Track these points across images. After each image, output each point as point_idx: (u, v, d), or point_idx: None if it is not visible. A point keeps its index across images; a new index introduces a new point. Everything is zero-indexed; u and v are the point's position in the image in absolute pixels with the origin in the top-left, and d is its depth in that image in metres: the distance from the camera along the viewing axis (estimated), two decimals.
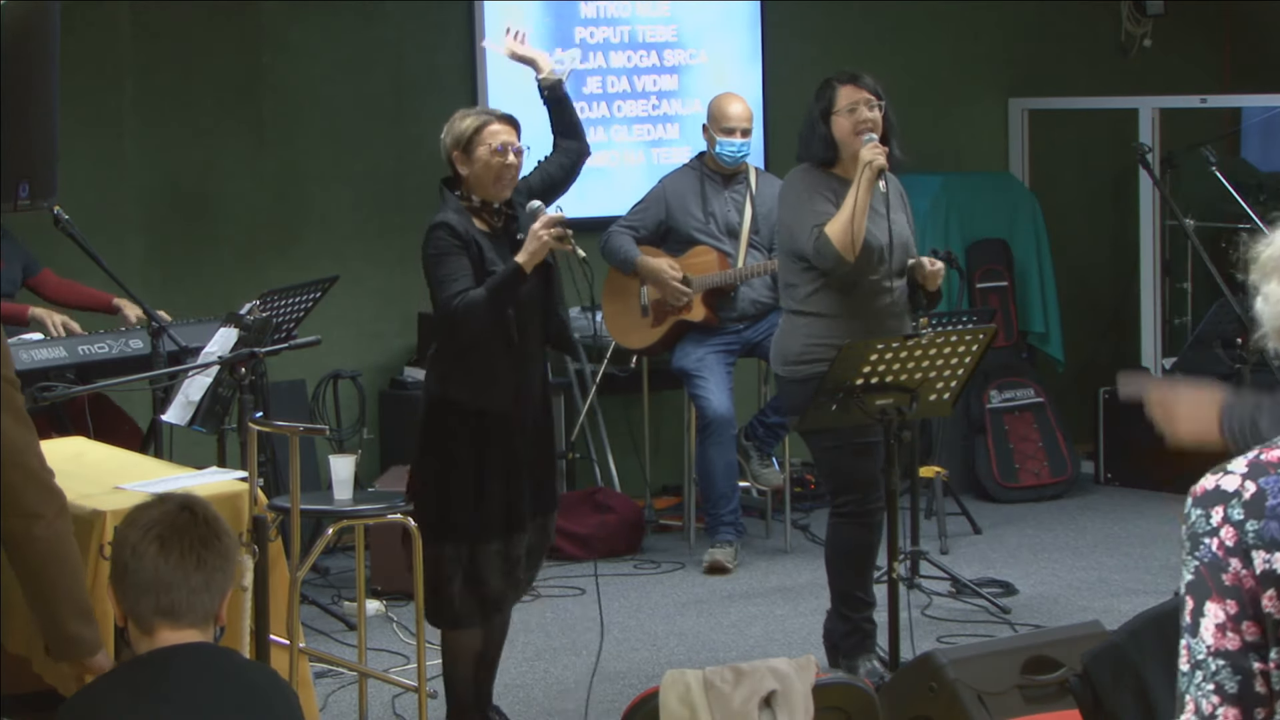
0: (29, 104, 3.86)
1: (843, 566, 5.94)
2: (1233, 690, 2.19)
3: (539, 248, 5.08)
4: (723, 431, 7.52)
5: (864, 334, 5.66)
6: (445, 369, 5.26)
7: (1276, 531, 2.19)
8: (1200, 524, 2.24)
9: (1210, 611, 2.21)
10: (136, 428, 6.63)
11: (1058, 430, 8.91)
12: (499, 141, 5.18)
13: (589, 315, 7.72)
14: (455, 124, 5.24)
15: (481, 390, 5.17)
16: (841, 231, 5.67)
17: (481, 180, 5.20)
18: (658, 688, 4.52)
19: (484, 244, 5.17)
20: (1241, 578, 2.20)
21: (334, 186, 8.17)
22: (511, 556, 5.24)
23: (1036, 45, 9.84)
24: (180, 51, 7.81)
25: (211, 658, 3.17)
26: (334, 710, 5.81)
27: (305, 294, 6.52)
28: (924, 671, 4.75)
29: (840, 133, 5.80)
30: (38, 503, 3.52)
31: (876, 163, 5.67)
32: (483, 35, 8.28)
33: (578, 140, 5.52)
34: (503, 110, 5.32)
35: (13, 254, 6.69)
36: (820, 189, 5.81)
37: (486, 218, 5.25)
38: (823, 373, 5.61)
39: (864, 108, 5.79)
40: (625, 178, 8.59)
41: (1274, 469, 2.22)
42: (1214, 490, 2.24)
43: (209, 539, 3.16)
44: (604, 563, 7.60)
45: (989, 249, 9.08)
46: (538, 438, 5.30)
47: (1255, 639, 2.19)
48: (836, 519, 5.94)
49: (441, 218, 5.18)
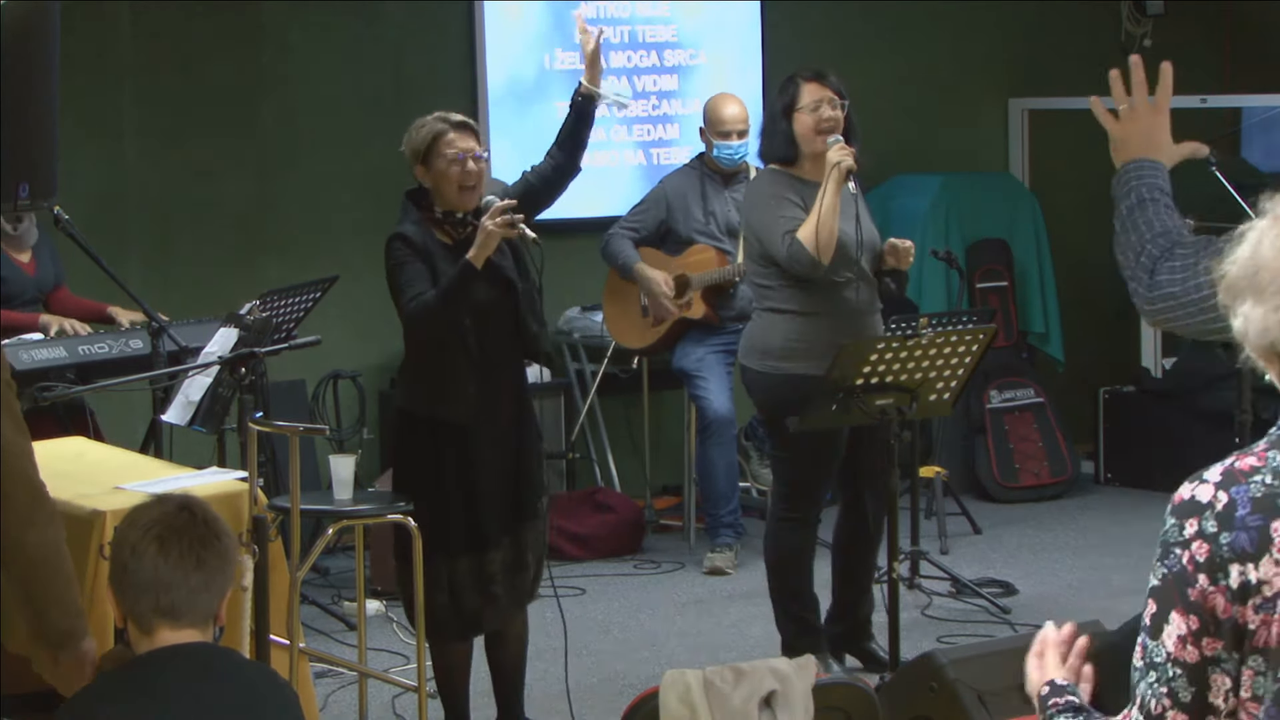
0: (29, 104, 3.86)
1: (792, 567, 5.94)
2: (1186, 700, 2.22)
3: (486, 239, 5.00)
4: (723, 431, 7.52)
5: (838, 331, 5.66)
6: (407, 379, 5.26)
7: (1246, 542, 2.19)
8: (1173, 534, 2.24)
9: (1174, 621, 2.22)
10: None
11: (1058, 430, 8.91)
12: (457, 150, 5.11)
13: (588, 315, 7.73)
14: (412, 134, 5.18)
15: (439, 401, 5.11)
16: (812, 234, 5.65)
17: (443, 190, 5.14)
18: (658, 688, 4.52)
19: (440, 255, 5.10)
20: (1207, 594, 2.20)
21: (334, 186, 8.17)
22: (485, 573, 5.17)
23: (1036, 45, 9.84)
24: (180, 51, 7.81)
25: (211, 658, 3.17)
26: (334, 710, 5.81)
27: (305, 294, 6.52)
28: (924, 671, 4.74)
29: (802, 129, 5.77)
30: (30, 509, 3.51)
31: (845, 164, 5.64)
32: (483, 35, 8.30)
33: (571, 157, 5.37)
34: (460, 117, 5.22)
35: (46, 257, 6.74)
36: (785, 193, 5.78)
37: (450, 229, 5.18)
38: (801, 371, 5.65)
39: (827, 106, 5.75)
40: (625, 178, 8.59)
41: (1244, 478, 2.23)
42: (1189, 501, 2.25)
43: (208, 539, 3.16)
44: (604, 563, 7.62)
45: (989, 249, 9.08)
46: (507, 451, 5.22)
47: (1214, 654, 2.21)
48: (780, 523, 5.95)
49: (398, 230, 5.14)
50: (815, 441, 5.70)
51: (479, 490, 5.15)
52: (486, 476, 5.16)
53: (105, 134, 7.66)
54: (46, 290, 6.72)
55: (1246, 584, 2.19)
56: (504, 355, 5.22)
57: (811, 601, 5.98)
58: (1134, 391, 9.07)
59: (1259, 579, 2.18)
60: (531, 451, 5.30)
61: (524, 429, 5.29)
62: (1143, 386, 9.05)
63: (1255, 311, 2.26)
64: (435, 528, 5.11)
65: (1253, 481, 2.22)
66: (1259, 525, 2.19)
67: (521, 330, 5.21)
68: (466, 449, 5.14)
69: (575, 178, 5.43)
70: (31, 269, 6.66)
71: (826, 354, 5.52)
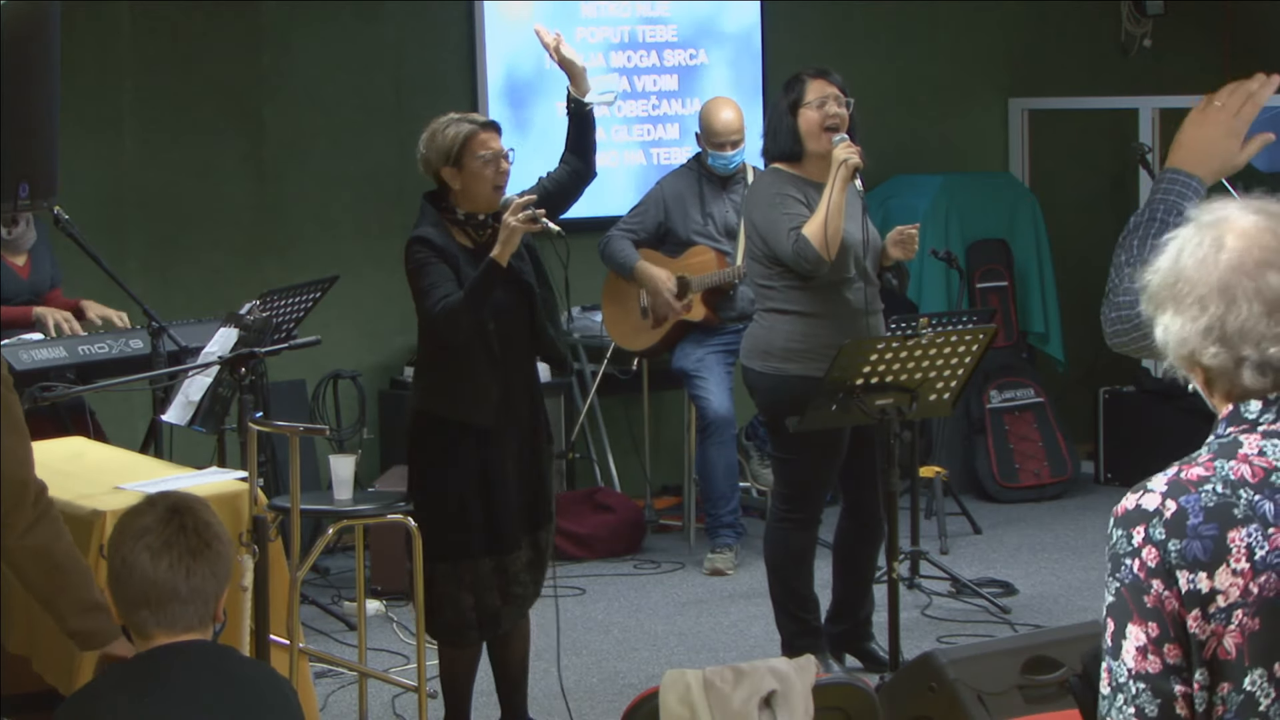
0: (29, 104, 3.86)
1: (792, 568, 5.94)
2: (1153, 714, 2.19)
3: (510, 234, 4.99)
4: (723, 432, 7.52)
5: (841, 332, 5.66)
6: (427, 381, 5.22)
7: (1199, 551, 2.19)
8: (1121, 544, 2.23)
9: (1131, 634, 2.21)
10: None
11: (1058, 430, 8.91)
12: (490, 150, 5.10)
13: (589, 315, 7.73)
14: (439, 136, 5.12)
15: (462, 403, 5.10)
16: (819, 231, 5.64)
17: (474, 192, 5.12)
18: (658, 688, 4.52)
19: (462, 258, 5.10)
20: (1163, 599, 2.19)
21: (334, 186, 8.17)
22: (507, 573, 5.17)
23: (1036, 45, 9.84)
24: (180, 51, 7.81)
25: (211, 656, 3.17)
26: (334, 710, 5.81)
27: (305, 294, 6.52)
28: (924, 671, 4.74)
29: (807, 125, 5.77)
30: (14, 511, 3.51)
31: (851, 161, 5.63)
32: (483, 35, 8.30)
33: (584, 161, 5.37)
34: (484, 117, 5.24)
35: (44, 259, 6.74)
36: (789, 191, 5.78)
37: (470, 231, 5.18)
38: (804, 373, 5.65)
39: (833, 103, 5.76)
40: (625, 178, 8.59)
41: (1194, 487, 2.22)
42: (1135, 510, 2.24)
43: (198, 549, 3.15)
44: (604, 563, 7.62)
45: (989, 249, 9.08)
46: (525, 453, 5.22)
47: (1176, 661, 2.19)
48: (781, 524, 5.95)
49: (419, 232, 5.12)
50: (817, 443, 5.70)
51: (501, 493, 5.14)
52: (508, 479, 5.15)
53: (105, 134, 7.66)
54: (42, 293, 6.71)
55: (1195, 593, 2.18)
56: (521, 357, 5.22)
57: (811, 602, 5.98)
58: (1134, 391, 9.07)
59: (1212, 588, 2.18)
60: (547, 453, 5.31)
61: (539, 431, 5.30)
62: (1143, 386, 9.05)
63: (1174, 322, 2.27)
64: (457, 531, 5.11)
65: (1203, 490, 2.21)
66: (1213, 535, 2.19)
67: (540, 336, 5.21)
68: (488, 451, 5.12)
69: (591, 182, 5.44)
70: (26, 272, 6.65)
71: (829, 355, 5.52)
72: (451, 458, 5.13)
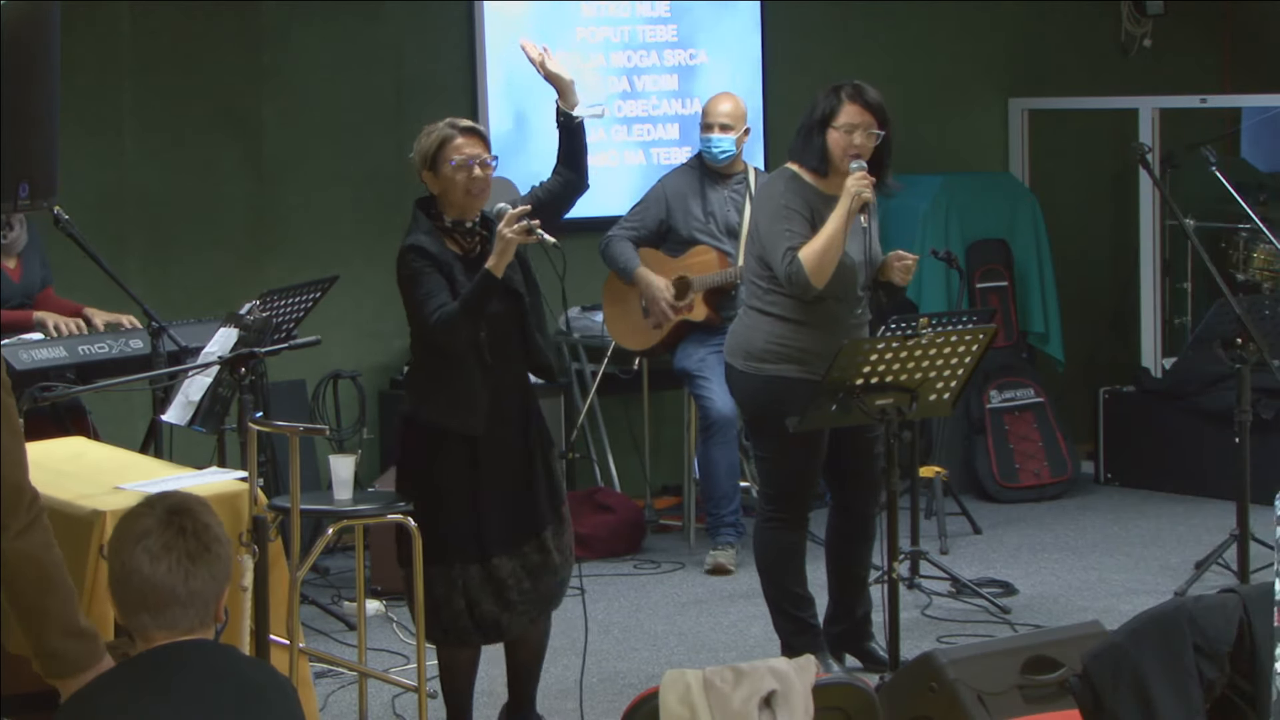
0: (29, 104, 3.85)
1: (782, 567, 5.94)
2: None
3: (505, 246, 4.99)
4: (725, 431, 7.52)
5: (820, 340, 5.70)
6: (418, 389, 5.23)
7: None
8: None
9: None
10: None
11: (1058, 430, 8.91)
12: (464, 155, 5.11)
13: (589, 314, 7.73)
14: (420, 141, 5.16)
15: (452, 411, 5.11)
16: (814, 258, 5.67)
17: (451, 197, 5.13)
18: (658, 688, 4.51)
19: (456, 266, 5.10)
20: None
21: (334, 186, 8.17)
22: (496, 579, 5.16)
23: (1036, 45, 9.84)
24: (180, 51, 7.81)
25: (211, 655, 3.17)
26: (334, 710, 5.81)
27: (305, 294, 6.52)
28: (924, 671, 4.74)
29: (834, 146, 5.77)
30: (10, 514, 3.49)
31: (863, 195, 5.65)
32: (483, 35, 8.29)
33: (576, 173, 5.38)
34: (468, 122, 5.23)
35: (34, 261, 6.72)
36: (796, 203, 5.77)
37: (459, 239, 5.18)
38: (781, 374, 5.69)
39: (860, 133, 5.74)
40: (625, 178, 8.59)
41: None
42: None
43: (197, 553, 3.15)
44: (604, 563, 7.61)
45: (989, 249, 9.08)
46: (515, 459, 5.22)
47: None
48: (768, 524, 5.95)
49: (412, 240, 5.12)
50: (796, 443, 5.71)
51: (484, 499, 5.14)
52: (493, 485, 5.15)
53: (105, 134, 7.66)
54: (33, 294, 6.70)
55: None
56: (512, 363, 5.22)
57: (806, 600, 5.98)
58: (1134, 391, 9.07)
59: None
60: (543, 457, 5.29)
61: (532, 436, 5.29)
62: (1143, 386, 9.05)
63: None
64: (444, 536, 5.11)
65: None
66: None
67: (529, 345, 5.21)
68: (474, 458, 5.13)
69: (583, 193, 5.45)
70: (17, 275, 6.63)
71: (805, 359, 5.65)
72: (440, 464, 5.14)
